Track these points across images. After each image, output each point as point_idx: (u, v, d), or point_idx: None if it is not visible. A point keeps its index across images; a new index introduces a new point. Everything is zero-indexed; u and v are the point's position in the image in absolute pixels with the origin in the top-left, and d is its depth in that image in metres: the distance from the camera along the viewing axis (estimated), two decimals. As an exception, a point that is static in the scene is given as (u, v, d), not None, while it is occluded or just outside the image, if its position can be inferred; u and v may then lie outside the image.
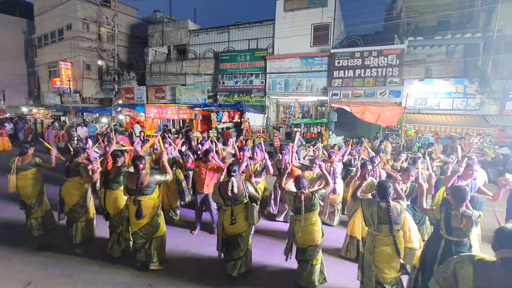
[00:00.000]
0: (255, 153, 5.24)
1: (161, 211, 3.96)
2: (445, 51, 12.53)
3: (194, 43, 17.40)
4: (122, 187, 4.10)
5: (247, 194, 3.66)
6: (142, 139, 8.22)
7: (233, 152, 6.12)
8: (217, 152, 5.23)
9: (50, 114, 20.95)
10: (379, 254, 3.00)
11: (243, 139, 10.85)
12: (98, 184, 5.55)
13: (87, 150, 4.87)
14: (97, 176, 4.48)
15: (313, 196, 3.37)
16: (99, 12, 20.54)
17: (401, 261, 2.95)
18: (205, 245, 4.58)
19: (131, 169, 3.96)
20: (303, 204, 3.32)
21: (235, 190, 3.52)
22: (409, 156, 6.53)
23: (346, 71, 12.98)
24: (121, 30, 20.25)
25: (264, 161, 5.11)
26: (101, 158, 4.85)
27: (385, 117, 10.86)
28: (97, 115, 18.69)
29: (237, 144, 9.22)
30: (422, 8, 14.00)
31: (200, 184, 4.82)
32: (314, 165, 4.90)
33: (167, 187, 5.37)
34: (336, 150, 7.31)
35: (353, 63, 12.81)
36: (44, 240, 4.52)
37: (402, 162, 5.97)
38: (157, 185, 3.89)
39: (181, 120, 14.78)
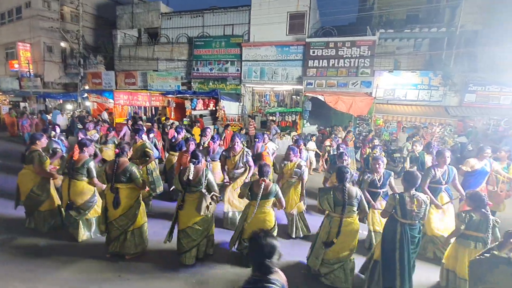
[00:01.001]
0: (235, 144, 4.94)
1: (141, 201, 3.89)
2: (413, 44, 13.08)
3: (166, 27, 16.66)
4: (87, 178, 4.01)
5: (204, 183, 3.58)
6: (130, 127, 7.87)
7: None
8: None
9: (8, 100, 19.33)
10: (333, 234, 3.24)
11: (238, 130, 10.33)
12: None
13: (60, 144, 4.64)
14: (50, 172, 4.33)
15: (272, 186, 3.49)
16: (61, -11, 18.93)
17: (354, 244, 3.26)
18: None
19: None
20: (261, 190, 3.42)
21: (191, 176, 3.47)
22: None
23: (321, 60, 13.15)
24: (86, 10, 18.86)
25: (244, 152, 4.95)
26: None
27: (356, 107, 11.24)
28: (61, 101, 17.53)
29: (224, 135, 9.16)
30: (393, 1, 14.40)
31: None
32: (289, 154, 4.96)
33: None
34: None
35: (327, 53, 12.99)
36: (3, 235, 4.25)
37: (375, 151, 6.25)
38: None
39: (153, 108, 14.29)
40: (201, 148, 5.85)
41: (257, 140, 5.52)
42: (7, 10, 20.65)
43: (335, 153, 6.19)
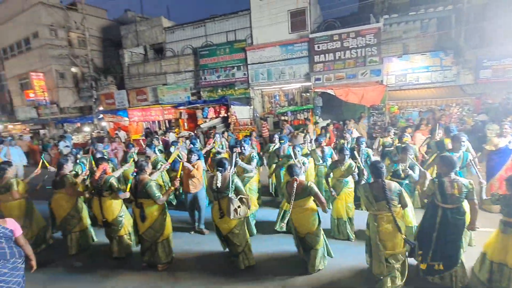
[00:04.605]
0: (242, 148, 5.19)
1: (167, 214, 4.03)
2: (419, 26, 12.76)
3: (170, 41, 16.98)
4: (113, 194, 4.15)
5: (232, 188, 3.67)
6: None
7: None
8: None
9: (28, 129, 20.14)
10: (382, 232, 3.12)
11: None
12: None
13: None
14: (81, 192, 4.61)
15: (307, 184, 3.48)
16: (66, 17, 19.63)
17: (403, 236, 3.07)
18: (206, 243, 4.64)
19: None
20: (294, 191, 3.41)
21: (219, 184, 3.61)
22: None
23: (326, 54, 13.04)
24: (92, 33, 19.47)
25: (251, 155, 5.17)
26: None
27: (368, 97, 11.10)
28: (79, 124, 18.13)
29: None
30: (393, -15, 14.11)
31: (185, 184, 4.87)
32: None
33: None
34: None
35: (333, 46, 12.88)
36: (41, 257, 4.42)
37: (392, 138, 6.18)
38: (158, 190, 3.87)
39: (166, 121, 14.58)
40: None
41: (282, 141, 5.84)
42: (15, 42, 21.61)
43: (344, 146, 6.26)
